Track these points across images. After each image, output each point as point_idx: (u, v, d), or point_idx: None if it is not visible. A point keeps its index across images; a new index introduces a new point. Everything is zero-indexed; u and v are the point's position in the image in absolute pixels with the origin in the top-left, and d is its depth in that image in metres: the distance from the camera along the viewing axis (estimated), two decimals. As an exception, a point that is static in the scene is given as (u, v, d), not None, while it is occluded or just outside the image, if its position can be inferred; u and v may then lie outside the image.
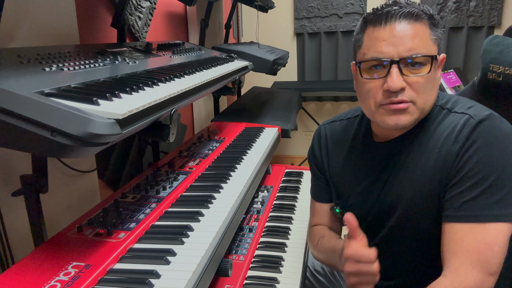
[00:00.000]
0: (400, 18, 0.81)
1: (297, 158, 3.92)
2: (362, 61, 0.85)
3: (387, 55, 0.81)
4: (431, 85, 0.84)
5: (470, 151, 0.80)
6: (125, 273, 0.70)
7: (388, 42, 0.81)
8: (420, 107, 0.83)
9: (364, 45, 0.86)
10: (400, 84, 0.80)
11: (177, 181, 1.09)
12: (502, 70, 1.14)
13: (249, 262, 1.10)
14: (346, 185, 1.02)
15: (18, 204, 0.87)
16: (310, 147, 1.12)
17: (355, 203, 1.00)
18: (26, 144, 0.57)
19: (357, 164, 1.00)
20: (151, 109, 0.76)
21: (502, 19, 3.22)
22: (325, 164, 1.07)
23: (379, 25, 0.83)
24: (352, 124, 1.04)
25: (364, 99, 0.89)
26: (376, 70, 0.84)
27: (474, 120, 0.81)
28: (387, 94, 0.82)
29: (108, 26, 1.41)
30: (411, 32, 0.81)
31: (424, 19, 0.83)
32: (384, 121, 0.85)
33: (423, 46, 0.81)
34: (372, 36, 0.84)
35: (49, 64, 0.81)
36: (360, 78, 0.87)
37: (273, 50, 2.43)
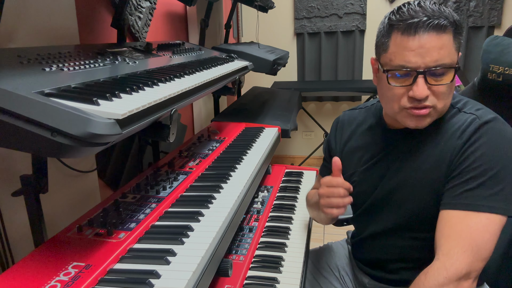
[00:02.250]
0: (429, 30, 0.83)
1: (297, 158, 3.92)
2: (390, 69, 0.89)
3: (415, 65, 0.85)
4: (450, 90, 0.90)
5: (473, 146, 0.86)
6: (125, 273, 0.70)
7: (416, 52, 0.84)
8: (439, 111, 0.90)
9: (391, 51, 0.88)
10: (425, 93, 0.85)
11: (177, 181, 1.09)
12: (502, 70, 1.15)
13: (249, 262, 1.10)
14: (352, 163, 1.09)
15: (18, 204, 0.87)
16: (328, 135, 1.22)
17: (357, 180, 1.07)
18: (26, 144, 0.57)
19: (365, 146, 1.07)
20: (151, 109, 0.76)
21: (502, 19, 3.22)
22: (337, 146, 1.15)
23: (408, 35, 0.85)
24: (369, 111, 1.12)
25: (388, 101, 0.94)
26: (401, 78, 0.88)
27: (480, 121, 0.88)
28: (411, 100, 0.88)
29: (108, 26, 1.41)
30: (438, 43, 0.84)
31: (450, 29, 0.85)
32: (406, 122, 0.92)
33: (447, 56, 0.85)
34: (400, 44, 0.86)
35: (49, 64, 0.81)
36: (385, 82, 0.91)
37: (273, 50, 2.43)
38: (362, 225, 1.13)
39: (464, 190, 0.85)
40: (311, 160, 3.80)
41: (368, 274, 1.13)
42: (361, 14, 3.43)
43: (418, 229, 0.97)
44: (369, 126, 1.09)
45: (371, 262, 1.11)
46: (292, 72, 3.72)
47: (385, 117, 1.04)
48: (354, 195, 1.09)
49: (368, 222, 1.08)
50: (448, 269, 0.80)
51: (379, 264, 1.08)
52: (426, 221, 0.94)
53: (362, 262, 1.15)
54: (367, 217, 1.08)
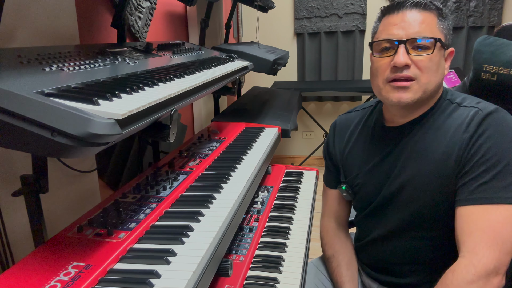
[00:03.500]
0: (411, 7, 0.92)
1: (297, 158, 3.92)
2: (375, 41, 0.97)
3: (397, 36, 0.92)
4: (435, 67, 0.92)
5: (481, 139, 0.86)
6: (125, 273, 0.70)
7: (399, 26, 0.92)
8: (423, 86, 0.91)
9: (379, 31, 0.98)
10: (405, 60, 0.89)
11: (177, 181, 1.09)
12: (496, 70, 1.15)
13: (249, 262, 1.10)
14: (355, 165, 1.09)
15: (18, 204, 0.87)
16: (326, 139, 1.22)
17: (362, 182, 1.06)
18: (26, 144, 0.57)
19: (367, 146, 1.07)
20: (151, 109, 0.76)
21: (502, 19, 3.22)
22: (336, 151, 1.15)
23: (392, 13, 0.94)
24: (366, 112, 1.13)
25: (374, 77, 0.97)
26: (386, 52, 0.94)
27: (483, 113, 0.88)
28: (393, 70, 0.91)
29: (108, 26, 1.41)
30: (420, 18, 0.92)
31: (433, 10, 0.93)
32: (389, 97, 0.93)
33: (429, 31, 0.91)
34: (386, 22, 0.96)
35: (49, 64, 0.81)
36: (372, 58, 0.98)
37: (273, 50, 2.43)
38: (367, 228, 1.10)
39: (478, 184, 0.85)
40: (311, 160, 3.80)
41: (376, 279, 1.10)
42: (361, 14, 3.43)
43: (426, 228, 0.95)
44: (368, 125, 1.09)
45: (378, 266, 1.09)
46: (292, 72, 3.72)
47: (385, 114, 1.05)
48: (360, 198, 1.08)
49: (373, 225, 1.06)
50: (476, 266, 0.79)
51: (387, 268, 1.06)
52: (434, 219, 0.93)
53: (369, 266, 1.12)
54: (373, 219, 1.06)
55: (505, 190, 0.83)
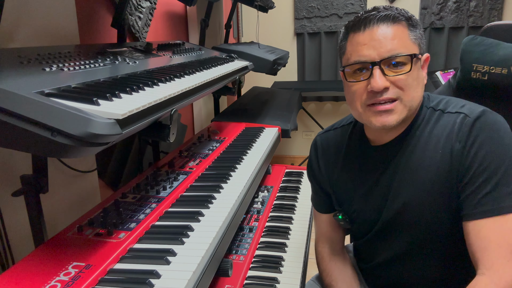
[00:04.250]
0: (378, 22, 0.84)
1: (297, 158, 3.92)
2: (346, 65, 0.88)
3: (368, 57, 0.83)
4: (416, 83, 0.85)
5: (474, 148, 0.81)
6: (125, 273, 0.70)
7: (369, 45, 0.84)
8: (407, 105, 0.85)
9: (347, 51, 0.88)
10: (383, 84, 0.82)
11: (177, 181, 1.09)
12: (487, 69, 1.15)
13: (249, 262, 1.10)
14: (347, 191, 1.01)
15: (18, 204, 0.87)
16: (308, 161, 1.12)
17: (358, 208, 0.99)
18: (26, 144, 0.57)
19: (355, 170, 0.99)
20: (151, 109, 0.76)
21: (502, 19, 3.22)
22: (324, 175, 1.06)
23: (359, 31, 0.85)
24: (346, 131, 1.04)
25: (351, 102, 0.90)
26: (360, 74, 0.86)
27: (471, 118, 0.83)
28: (371, 95, 0.84)
29: (108, 26, 1.41)
30: (390, 34, 0.83)
31: (402, 21, 0.85)
32: (371, 122, 0.86)
33: (403, 46, 0.84)
34: (354, 41, 0.86)
35: (49, 64, 0.81)
36: (346, 82, 0.90)
37: (273, 50, 2.43)
38: (371, 252, 1.04)
39: (482, 196, 0.80)
40: (311, 160, 3.80)
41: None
42: (361, 14, 3.43)
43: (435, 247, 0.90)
44: (353, 147, 1.01)
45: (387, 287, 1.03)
46: (292, 72, 3.72)
47: (367, 134, 0.98)
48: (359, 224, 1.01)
49: (378, 249, 1.00)
50: (498, 284, 0.75)
51: None
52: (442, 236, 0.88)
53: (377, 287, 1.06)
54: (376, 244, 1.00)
55: (510, 197, 0.78)
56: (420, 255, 0.93)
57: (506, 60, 1.14)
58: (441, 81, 2.78)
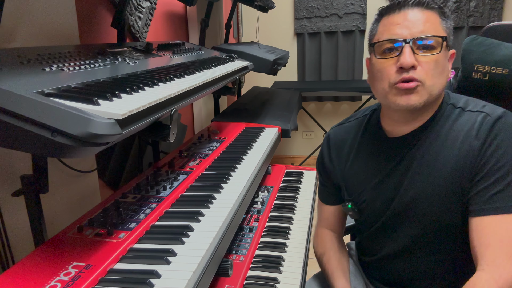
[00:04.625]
0: (413, 6, 0.88)
1: (297, 158, 3.92)
2: (377, 42, 0.91)
3: (400, 36, 0.87)
4: (440, 69, 0.87)
5: (492, 147, 0.83)
6: (125, 273, 0.70)
7: (402, 25, 0.87)
8: (428, 89, 0.86)
9: (379, 31, 0.92)
10: (411, 61, 0.84)
11: (177, 181, 1.09)
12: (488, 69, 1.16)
13: (249, 262, 1.10)
14: (358, 182, 1.02)
15: (18, 204, 0.87)
16: (319, 154, 1.14)
17: (368, 198, 1.00)
18: (26, 144, 0.57)
19: (369, 161, 1.01)
20: (151, 109, 0.76)
21: (502, 19, 3.22)
22: (335, 167, 1.07)
23: (393, 12, 0.89)
24: (361, 123, 1.06)
25: (378, 81, 0.91)
26: (389, 54, 0.89)
27: (492, 118, 0.85)
28: (399, 72, 0.86)
29: (108, 26, 1.41)
30: (423, 17, 0.87)
31: (435, 8, 0.89)
32: (396, 101, 0.88)
33: (434, 29, 0.87)
34: (387, 22, 0.90)
35: (49, 64, 0.81)
36: (374, 60, 0.92)
37: (273, 50, 2.43)
38: (376, 245, 1.04)
39: (492, 193, 0.81)
40: (311, 160, 3.80)
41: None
42: (361, 14, 3.43)
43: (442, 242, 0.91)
44: (368, 138, 1.02)
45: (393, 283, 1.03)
46: (292, 72, 3.72)
47: (384, 125, 0.99)
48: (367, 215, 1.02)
49: (383, 242, 1.00)
50: (498, 280, 0.76)
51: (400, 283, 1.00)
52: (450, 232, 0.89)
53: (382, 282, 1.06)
54: (383, 235, 1.00)
55: None
56: (424, 250, 0.93)
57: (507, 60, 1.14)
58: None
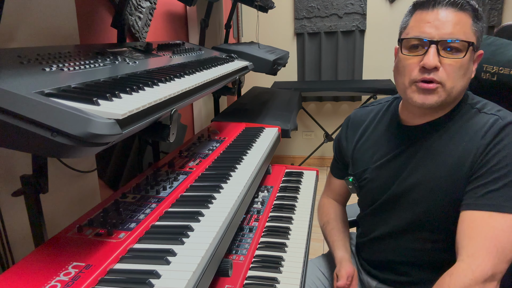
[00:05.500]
0: (447, 5, 0.88)
1: (297, 158, 3.92)
2: (405, 38, 0.92)
3: (429, 35, 0.87)
4: (463, 72, 0.89)
5: (497, 147, 0.85)
6: (125, 273, 0.70)
7: (432, 24, 0.88)
8: (447, 90, 0.88)
9: (410, 26, 0.93)
10: (435, 63, 0.86)
11: (177, 181, 1.09)
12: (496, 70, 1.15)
13: (249, 262, 1.10)
14: (364, 159, 1.08)
15: (18, 204, 0.87)
16: (338, 133, 1.22)
17: (369, 177, 1.06)
18: (26, 144, 0.57)
19: (379, 142, 1.06)
20: (151, 109, 0.76)
21: (502, 19, 3.22)
22: (348, 144, 1.15)
23: (426, 9, 0.89)
24: (381, 108, 1.11)
25: (400, 75, 0.94)
26: (415, 50, 0.90)
27: (503, 122, 0.87)
28: (421, 71, 0.88)
29: (108, 26, 1.41)
30: (455, 19, 0.87)
31: (468, 10, 0.89)
32: (413, 98, 0.90)
33: (463, 33, 0.87)
34: (419, 18, 0.91)
35: (49, 64, 0.81)
36: (400, 54, 0.94)
37: (273, 50, 2.43)
38: (370, 225, 1.10)
39: (488, 190, 0.84)
40: (311, 160, 3.80)
41: (375, 276, 1.11)
42: (361, 14, 3.43)
43: (431, 230, 0.95)
44: (383, 122, 1.07)
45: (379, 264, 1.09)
46: (292, 72, 3.72)
47: (401, 114, 1.03)
48: (365, 193, 1.08)
49: (377, 222, 1.06)
50: (474, 271, 0.79)
51: (388, 266, 1.06)
52: (440, 222, 0.92)
53: (370, 264, 1.13)
54: (377, 217, 1.05)
55: None
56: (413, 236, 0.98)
57: None
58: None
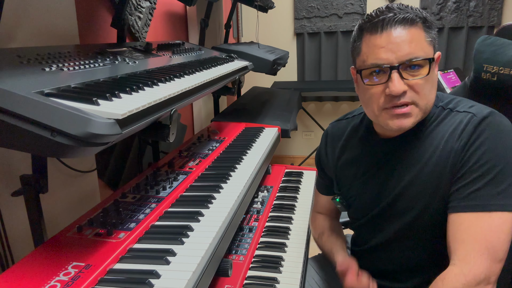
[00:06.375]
0: (396, 25, 0.83)
1: (297, 158, 3.92)
2: (363, 69, 0.88)
3: (386, 61, 0.84)
4: (431, 85, 0.87)
5: (474, 145, 0.83)
6: (125, 273, 0.70)
7: (386, 48, 0.84)
8: (422, 108, 0.87)
9: (363, 52, 0.88)
10: (401, 88, 0.83)
11: (177, 181, 1.09)
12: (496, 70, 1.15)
13: (249, 262, 1.10)
14: (348, 177, 1.06)
15: (18, 204, 0.87)
16: (318, 147, 1.18)
17: (355, 194, 1.04)
18: (26, 144, 0.57)
19: (359, 159, 1.04)
20: (151, 109, 0.76)
21: (502, 19, 3.22)
22: (329, 161, 1.12)
23: (376, 33, 0.85)
24: (356, 121, 1.08)
25: (367, 104, 0.91)
26: (377, 75, 0.86)
27: (477, 118, 0.85)
28: (389, 98, 0.85)
29: (108, 26, 1.41)
30: (408, 37, 0.83)
31: (419, 23, 0.85)
32: (388, 124, 0.88)
33: (420, 49, 0.84)
34: (370, 43, 0.86)
35: (49, 64, 0.81)
36: (362, 84, 0.90)
37: (273, 50, 2.43)
38: (363, 236, 1.09)
39: (471, 191, 0.82)
40: (311, 160, 3.80)
41: None
42: (361, 14, 3.43)
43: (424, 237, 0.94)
44: (360, 137, 1.05)
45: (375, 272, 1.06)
46: (292, 72, 3.72)
47: (375, 127, 1.01)
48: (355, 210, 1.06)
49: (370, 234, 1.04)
50: (467, 275, 0.78)
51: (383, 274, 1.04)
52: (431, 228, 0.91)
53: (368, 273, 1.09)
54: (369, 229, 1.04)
55: (498, 197, 0.80)
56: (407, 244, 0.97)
57: None
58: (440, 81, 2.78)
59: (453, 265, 0.81)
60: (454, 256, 0.82)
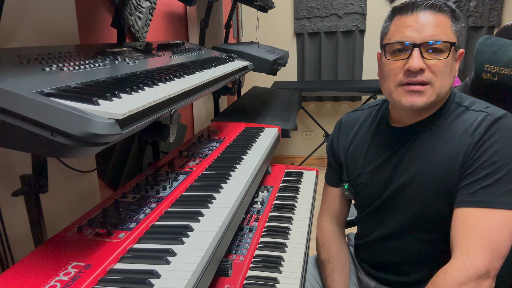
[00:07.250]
0: (425, 8, 0.89)
1: (297, 158, 3.92)
2: (387, 44, 0.93)
3: (411, 39, 0.89)
4: (449, 71, 0.90)
5: (487, 143, 0.86)
6: (125, 273, 0.70)
7: (413, 28, 0.89)
8: (437, 90, 0.89)
9: (391, 31, 0.94)
10: (420, 65, 0.87)
11: (177, 181, 1.09)
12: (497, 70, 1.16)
13: (249, 262, 1.10)
14: (358, 164, 1.08)
15: (18, 204, 0.87)
16: (330, 136, 1.21)
17: (364, 181, 1.06)
18: (26, 144, 0.57)
19: (371, 145, 1.06)
20: (151, 109, 0.76)
21: (502, 19, 3.23)
22: (341, 149, 1.14)
23: (406, 14, 0.91)
24: (372, 111, 1.12)
25: (385, 80, 0.95)
26: (399, 54, 0.91)
27: (492, 117, 0.88)
28: (407, 74, 0.89)
29: (108, 26, 1.41)
30: (434, 21, 0.89)
31: (447, 11, 0.90)
32: (401, 100, 0.91)
33: (444, 34, 0.89)
34: (399, 23, 0.92)
35: (49, 64, 0.81)
36: (384, 60, 0.95)
37: (273, 50, 2.43)
38: (368, 227, 1.10)
39: (480, 187, 0.84)
40: (311, 160, 3.80)
41: (374, 277, 1.11)
42: (361, 14, 3.43)
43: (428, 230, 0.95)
44: (374, 125, 1.08)
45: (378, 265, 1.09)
46: (292, 72, 3.72)
47: (392, 114, 1.04)
48: (362, 197, 1.08)
49: (375, 224, 1.06)
50: (468, 268, 0.80)
51: (387, 267, 1.06)
52: (436, 221, 0.93)
53: (369, 265, 1.13)
54: (374, 219, 1.06)
55: (506, 195, 0.82)
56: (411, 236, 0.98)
57: None
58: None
59: (455, 258, 0.83)
60: (456, 250, 0.83)
